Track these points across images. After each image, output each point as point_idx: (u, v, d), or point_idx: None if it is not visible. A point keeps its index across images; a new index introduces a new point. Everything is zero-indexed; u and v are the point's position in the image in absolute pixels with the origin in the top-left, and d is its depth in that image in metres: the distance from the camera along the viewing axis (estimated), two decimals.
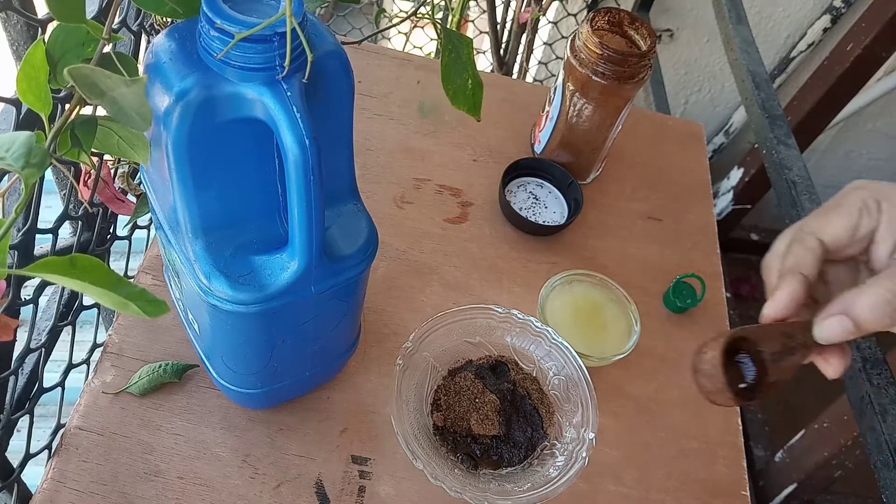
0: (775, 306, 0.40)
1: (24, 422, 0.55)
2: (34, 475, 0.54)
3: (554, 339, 0.58)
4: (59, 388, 0.59)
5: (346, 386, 0.60)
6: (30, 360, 0.57)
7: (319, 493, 0.55)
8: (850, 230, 0.40)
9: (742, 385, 0.40)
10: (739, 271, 1.69)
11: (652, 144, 0.87)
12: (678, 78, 1.47)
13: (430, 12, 0.60)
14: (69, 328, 0.60)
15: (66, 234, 0.61)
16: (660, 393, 0.65)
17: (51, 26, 0.37)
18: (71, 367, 0.61)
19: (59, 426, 0.59)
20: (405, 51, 1.22)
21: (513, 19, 1.24)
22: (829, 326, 0.39)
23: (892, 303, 0.37)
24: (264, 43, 0.34)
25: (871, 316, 0.37)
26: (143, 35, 0.61)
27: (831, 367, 0.41)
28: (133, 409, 0.56)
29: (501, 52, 1.25)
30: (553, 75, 1.45)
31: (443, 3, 1.20)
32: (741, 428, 0.64)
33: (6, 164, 0.29)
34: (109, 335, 0.60)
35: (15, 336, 0.46)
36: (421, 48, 1.39)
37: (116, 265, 0.65)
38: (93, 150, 0.37)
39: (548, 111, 0.77)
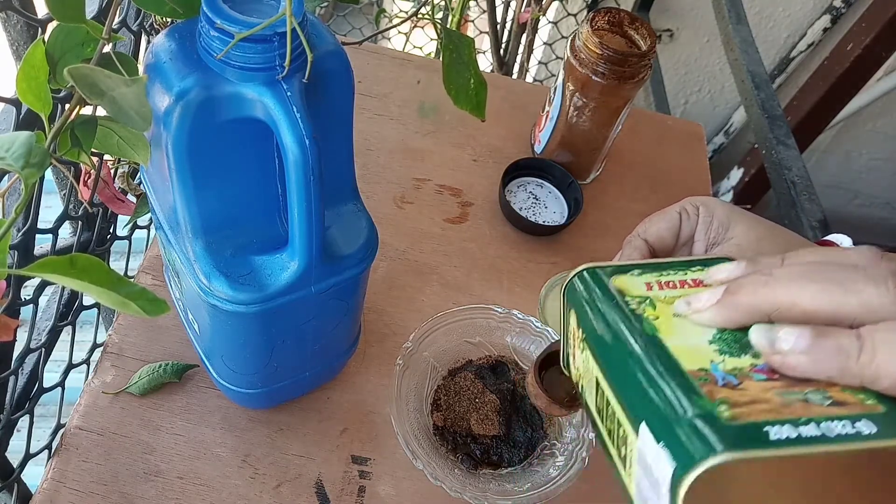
0: None
1: (24, 422, 0.55)
2: (34, 475, 0.54)
3: (554, 339, 0.58)
4: (59, 388, 0.59)
5: (346, 386, 0.60)
6: (30, 360, 0.57)
7: (319, 493, 0.55)
8: (671, 230, 0.45)
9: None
10: None
11: (652, 144, 0.87)
12: (678, 78, 1.47)
13: (430, 12, 0.60)
14: (69, 328, 0.60)
15: (66, 234, 0.61)
16: None
17: (51, 26, 0.37)
18: (71, 367, 0.61)
19: (59, 426, 0.59)
20: (405, 51, 1.22)
21: (513, 19, 1.24)
22: None
23: None
24: (264, 43, 0.34)
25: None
26: (143, 35, 0.61)
27: None
28: (133, 409, 0.56)
29: (501, 52, 1.25)
30: (553, 75, 1.45)
31: (443, 3, 1.20)
32: None
33: (6, 164, 0.29)
34: (109, 335, 0.60)
35: (15, 336, 0.46)
36: (421, 48, 1.39)
37: (116, 265, 0.65)
38: (93, 150, 0.37)
39: (548, 111, 0.77)
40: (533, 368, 0.44)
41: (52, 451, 0.54)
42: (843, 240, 0.47)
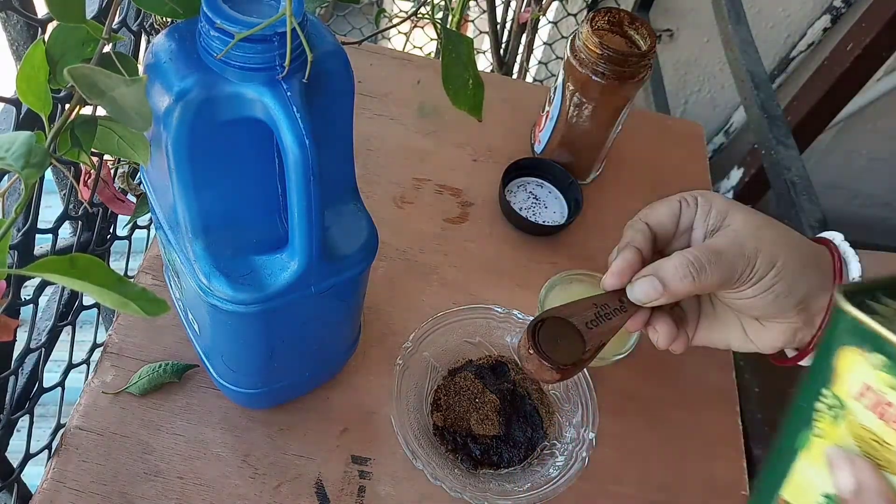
0: (612, 273, 0.45)
1: (24, 422, 0.55)
2: (34, 475, 0.54)
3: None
4: (59, 388, 0.59)
5: (346, 386, 0.60)
6: (30, 360, 0.57)
7: (319, 493, 0.55)
8: (671, 216, 0.47)
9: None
10: None
11: (652, 144, 0.87)
12: (678, 78, 1.47)
13: (430, 12, 0.60)
14: (69, 328, 0.60)
15: (66, 234, 0.61)
16: (660, 392, 0.65)
17: (51, 26, 0.37)
18: (71, 367, 0.61)
19: (59, 426, 0.59)
20: (405, 51, 1.22)
21: (513, 19, 1.24)
22: (639, 286, 0.44)
23: (693, 264, 0.42)
24: (264, 43, 0.34)
25: (675, 275, 0.42)
26: (143, 35, 0.61)
27: (659, 336, 0.47)
28: (133, 409, 0.56)
29: (501, 52, 1.25)
30: (553, 75, 1.45)
31: (443, 3, 1.20)
32: (741, 427, 0.64)
33: (6, 164, 0.29)
34: (109, 335, 0.60)
35: (15, 336, 0.47)
36: (421, 48, 1.39)
37: (116, 265, 0.65)
38: (93, 150, 0.37)
39: (548, 111, 0.77)
40: (527, 330, 0.43)
41: (52, 451, 0.54)
42: (836, 236, 0.47)
